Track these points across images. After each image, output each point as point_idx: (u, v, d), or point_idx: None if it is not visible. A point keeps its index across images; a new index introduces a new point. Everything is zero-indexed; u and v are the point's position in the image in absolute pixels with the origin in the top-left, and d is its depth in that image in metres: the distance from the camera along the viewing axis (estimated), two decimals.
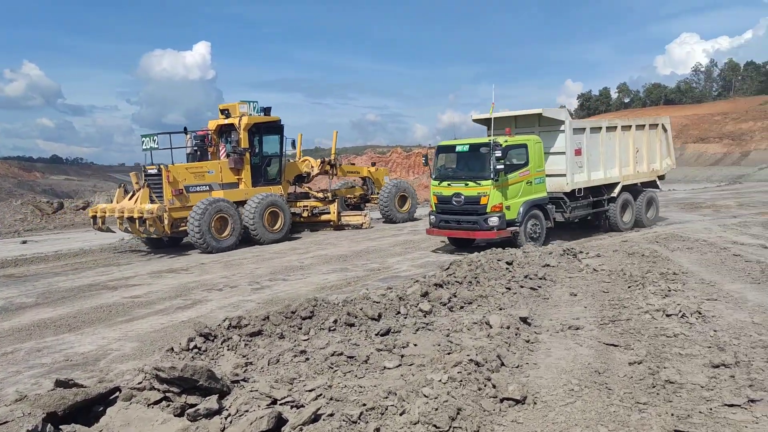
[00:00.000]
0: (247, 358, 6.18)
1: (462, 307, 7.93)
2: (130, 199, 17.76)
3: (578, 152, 15.63)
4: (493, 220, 13.75)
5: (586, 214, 16.51)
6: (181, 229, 17.39)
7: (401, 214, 22.91)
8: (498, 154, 13.43)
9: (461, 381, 4.79)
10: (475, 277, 9.27)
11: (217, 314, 9.42)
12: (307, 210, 21.34)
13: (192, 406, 4.59)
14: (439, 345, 5.90)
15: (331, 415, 4.37)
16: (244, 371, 5.75)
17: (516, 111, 16.31)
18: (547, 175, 15.22)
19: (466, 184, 14.11)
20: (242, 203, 18.34)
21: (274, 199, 18.76)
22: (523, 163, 14.56)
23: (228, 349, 6.50)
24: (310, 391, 4.97)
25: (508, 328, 6.45)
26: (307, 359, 5.96)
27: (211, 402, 4.47)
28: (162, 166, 17.48)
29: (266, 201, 18.37)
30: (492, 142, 13.69)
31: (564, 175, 15.36)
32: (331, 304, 7.65)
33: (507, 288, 8.72)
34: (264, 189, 19.36)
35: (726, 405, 4.47)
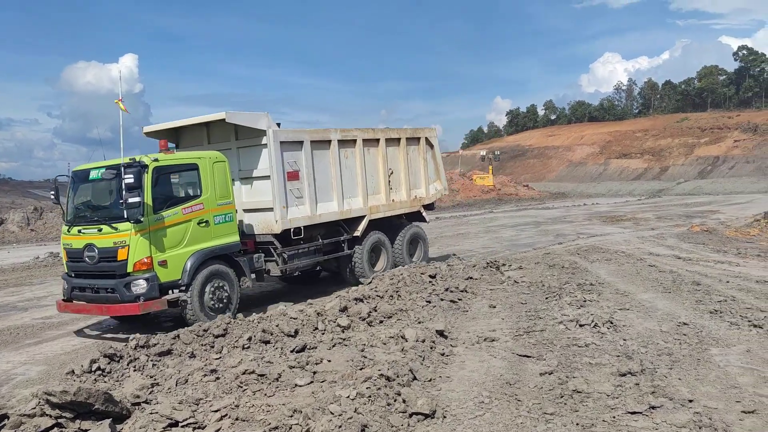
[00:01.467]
0: (154, 379, 5.93)
1: (381, 322, 7.87)
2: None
3: (294, 176, 10.99)
4: (138, 286, 8.85)
5: (314, 262, 11.84)
6: None
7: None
8: (130, 180, 8.50)
9: (370, 396, 4.70)
10: (397, 291, 9.24)
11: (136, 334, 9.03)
12: None
13: (85, 431, 4.35)
14: (353, 360, 5.80)
15: None
16: (149, 392, 5.50)
17: (199, 117, 11.24)
18: (250, 210, 10.94)
19: (100, 230, 9.15)
20: None
21: None
22: (192, 194, 9.87)
23: (134, 370, 6.22)
24: (215, 411, 4.79)
25: (424, 341, 6.42)
26: (218, 378, 5.76)
27: (103, 427, 4.24)
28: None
29: None
30: (123, 162, 8.85)
31: (272, 210, 10.66)
32: (245, 321, 7.45)
33: (427, 301, 8.71)
34: None
35: (629, 413, 4.53)
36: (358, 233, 11.98)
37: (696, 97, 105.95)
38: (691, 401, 4.69)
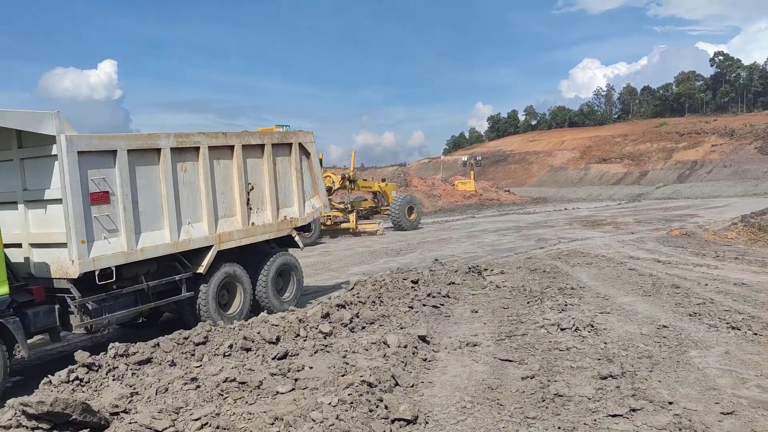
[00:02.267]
0: (134, 388, 5.86)
1: (363, 328, 7.84)
2: None
3: (102, 198, 8.02)
4: None
5: (135, 312, 8.62)
6: None
7: (409, 222, 26.39)
8: None
9: (352, 403, 4.68)
10: (379, 297, 9.22)
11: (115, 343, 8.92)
12: (330, 219, 24.40)
13: None
14: (334, 367, 5.77)
15: None
16: (128, 402, 5.43)
17: None
18: (39, 245, 7.96)
19: None
20: None
21: None
22: None
23: (114, 379, 6.14)
24: (195, 420, 4.75)
25: (406, 347, 6.41)
26: (198, 387, 5.70)
27: None
28: None
29: None
30: None
31: (65, 245, 7.64)
32: (226, 328, 7.40)
33: (410, 307, 8.71)
34: None
35: (610, 416, 4.55)
36: (201, 269, 9.16)
37: (674, 102, 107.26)
38: (671, 403, 4.73)
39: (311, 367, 5.94)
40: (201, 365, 6.49)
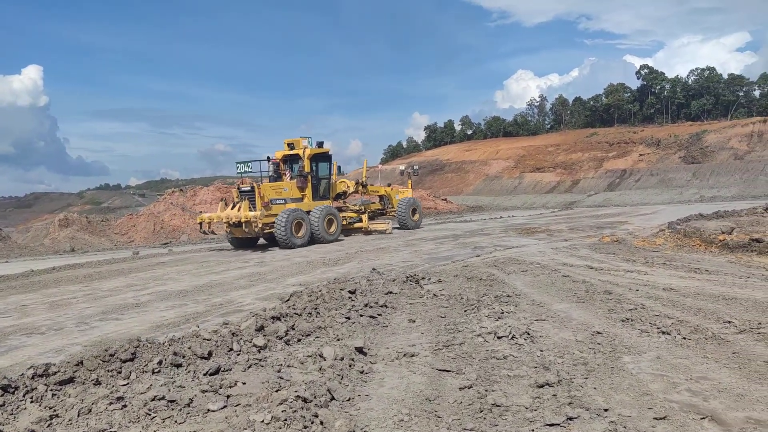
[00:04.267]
0: (54, 410, 5.52)
1: (299, 340, 7.66)
2: (232, 209, 23.55)
3: None
4: None
5: None
6: (266, 231, 23.26)
7: (413, 222, 30.76)
8: None
9: (286, 420, 4.52)
10: (315, 308, 9.05)
11: (36, 361, 8.46)
12: (345, 219, 27.55)
13: None
14: (268, 382, 5.59)
15: None
16: (47, 425, 5.12)
17: None
18: None
19: None
20: (307, 213, 24.37)
21: (330, 209, 25.49)
22: None
23: (31, 401, 5.77)
24: None
25: (342, 359, 6.27)
26: (124, 406, 5.43)
27: None
28: (255, 184, 23.83)
29: (326, 211, 24.89)
30: None
31: None
32: (156, 344, 7.09)
33: (347, 317, 8.57)
34: (321, 203, 25.88)
35: (547, 425, 4.53)
36: None
37: (604, 112, 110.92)
38: (606, 410, 4.75)
39: (244, 383, 5.74)
40: (128, 383, 6.19)
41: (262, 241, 25.77)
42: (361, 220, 28.24)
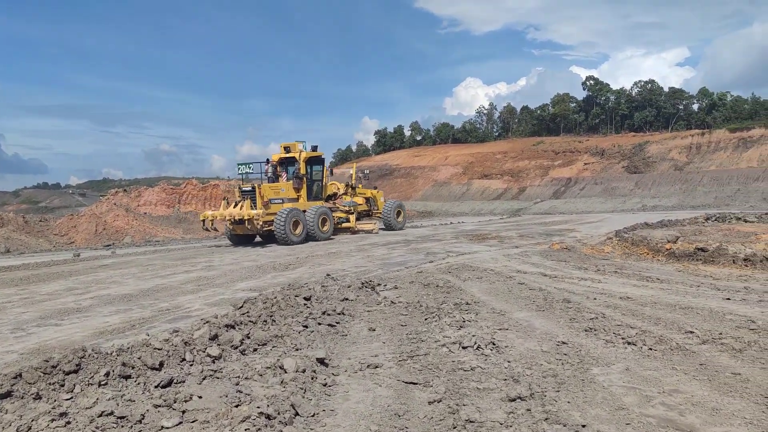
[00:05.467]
0: None
1: (255, 350, 7.31)
2: (234, 207, 25.31)
3: None
4: None
5: None
6: (266, 229, 24.99)
7: (398, 223, 33.14)
8: None
9: None
10: (271, 316, 8.70)
11: None
12: (335, 219, 29.07)
13: None
14: (227, 396, 5.24)
15: None
16: None
17: None
18: None
19: None
20: (303, 212, 26.26)
21: (324, 209, 27.43)
22: None
23: None
24: None
25: (304, 371, 5.97)
26: (68, 423, 5.00)
27: None
28: (255, 185, 25.74)
29: (320, 211, 26.85)
30: None
31: None
32: (102, 354, 6.63)
33: (304, 326, 8.25)
34: (315, 203, 27.88)
35: None
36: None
37: (550, 122, 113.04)
38: (584, 426, 4.59)
39: (200, 397, 5.38)
40: (72, 397, 5.74)
41: (257, 239, 27.51)
42: (349, 220, 30.34)
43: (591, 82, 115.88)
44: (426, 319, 8.75)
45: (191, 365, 6.65)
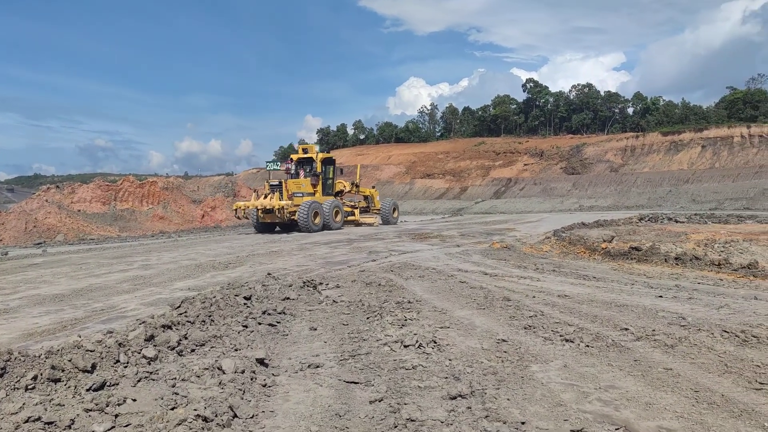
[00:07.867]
0: None
1: (193, 351, 7.13)
2: (264, 198, 30.42)
3: None
4: None
5: None
6: (291, 218, 29.71)
7: (394, 219, 37.96)
8: None
9: None
10: (209, 315, 8.50)
11: None
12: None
13: None
14: (163, 398, 5.08)
15: None
16: None
17: None
18: None
19: None
20: (321, 204, 30.90)
21: (337, 203, 32.73)
22: None
23: None
24: None
25: (243, 372, 5.85)
26: None
27: None
28: (282, 180, 31.53)
29: (334, 204, 31.95)
30: None
31: None
32: (30, 356, 6.35)
33: (244, 326, 8.10)
34: (328, 198, 32.72)
35: None
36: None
37: (491, 123, 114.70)
38: (523, 423, 4.63)
39: (135, 400, 5.20)
40: None
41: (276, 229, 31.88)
42: (353, 214, 35.58)
43: (531, 84, 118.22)
44: (368, 318, 8.72)
45: (125, 367, 6.43)
